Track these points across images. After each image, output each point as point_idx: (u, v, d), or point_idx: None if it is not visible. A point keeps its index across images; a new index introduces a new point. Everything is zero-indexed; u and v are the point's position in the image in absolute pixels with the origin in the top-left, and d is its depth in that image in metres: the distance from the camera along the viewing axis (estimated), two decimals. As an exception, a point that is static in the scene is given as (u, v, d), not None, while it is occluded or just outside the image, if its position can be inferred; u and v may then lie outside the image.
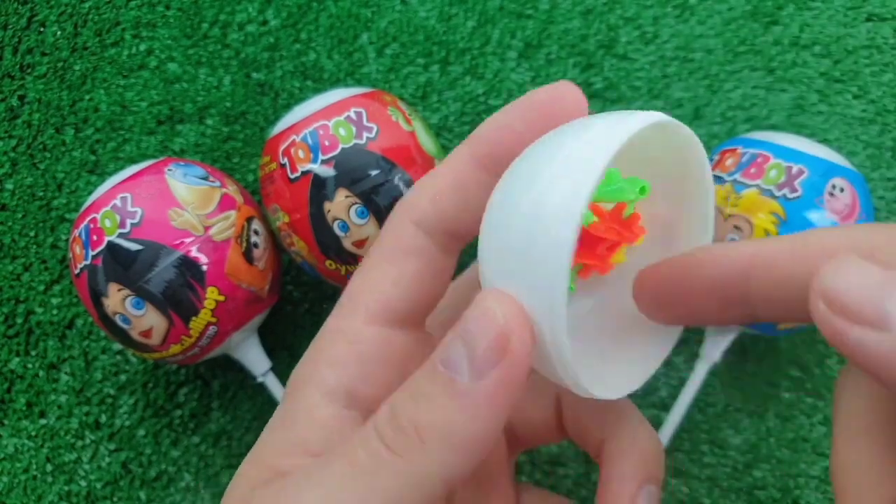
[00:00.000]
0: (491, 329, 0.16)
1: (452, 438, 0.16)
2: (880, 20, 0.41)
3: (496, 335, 0.15)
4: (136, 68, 0.43)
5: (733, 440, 0.36)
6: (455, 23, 0.42)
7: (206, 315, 0.32)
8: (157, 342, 0.32)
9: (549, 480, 0.37)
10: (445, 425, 0.16)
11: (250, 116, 0.41)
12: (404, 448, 0.16)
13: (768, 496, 0.36)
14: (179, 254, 0.31)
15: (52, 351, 0.39)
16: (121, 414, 0.38)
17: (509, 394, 0.16)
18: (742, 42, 0.41)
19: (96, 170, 0.41)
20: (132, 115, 0.42)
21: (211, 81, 0.42)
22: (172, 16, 0.43)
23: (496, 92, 0.41)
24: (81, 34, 0.43)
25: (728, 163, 0.33)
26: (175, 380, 0.39)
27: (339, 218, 0.31)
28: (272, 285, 0.34)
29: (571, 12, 0.42)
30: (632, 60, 0.41)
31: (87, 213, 0.32)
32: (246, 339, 0.34)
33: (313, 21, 0.43)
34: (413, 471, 0.16)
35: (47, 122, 0.42)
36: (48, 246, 0.41)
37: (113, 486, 0.37)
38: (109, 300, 0.31)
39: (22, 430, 0.38)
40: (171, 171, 0.33)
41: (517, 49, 0.42)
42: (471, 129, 0.41)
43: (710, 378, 0.37)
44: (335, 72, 0.42)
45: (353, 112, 0.32)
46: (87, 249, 0.31)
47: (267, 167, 0.33)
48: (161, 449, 0.38)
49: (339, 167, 0.31)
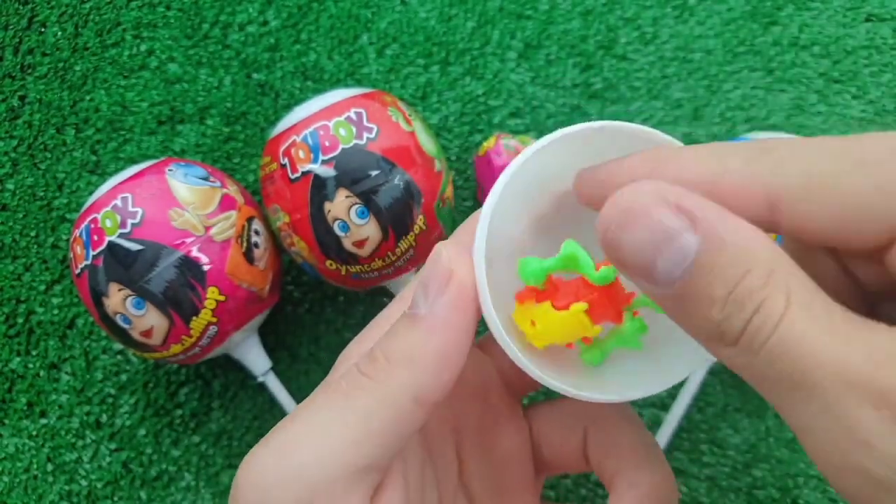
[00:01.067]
0: (438, 268, 0.19)
1: (414, 357, 0.18)
2: (879, 21, 0.41)
3: (442, 271, 0.19)
4: (137, 69, 0.43)
5: (732, 440, 0.37)
6: (455, 23, 0.42)
7: (206, 315, 0.32)
8: (158, 342, 0.32)
9: (548, 481, 0.37)
10: (408, 347, 0.19)
11: (251, 117, 0.41)
12: (376, 372, 0.19)
13: (767, 496, 0.36)
14: (180, 254, 0.31)
15: (53, 351, 0.39)
16: (121, 413, 0.38)
17: (459, 315, 0.19)
18: (741, 42, 0.41)
19: (97, 170, 0.41)
20: (133, 115, 0.42)
21: (211, 82, 0.42)
22: (173, 16, 0.43)
23: (496, 92, 0.41)
24: (82, 34, 0.43)
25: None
26: (176, 379, 0.39)
27: (340, 218, 0.32)
28: (272, 285, 0.34)
29: (571, 13, 0.42)
30: (631, 61, 0.41)
31: (87, 213, 0.32)
32: (246, 339, 0.35)
33: (314, 22, 0.43)
34: (383, 389, 0.18)
35: (48, 123, 0.42)
36: (49, 246, 0.41)
37: (113, 486, 0.38)
38: (110, 300, 0.31)
39: (23, 430, 0.39)
40: (171, 172, 0.33)
41: (517, 49, 0.42)
42: (470, 130, 0.42)
43: (710, 378, 0.37)
44: (335, 72, 0.42)
45: (353, 112, 0.32)
46: (87, 249, 0.31)
47: (267, 167, 0.33)
48: (162, 448, 0.38)
49: (339, 167, 0.31)
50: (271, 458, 0.18)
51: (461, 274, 0.19)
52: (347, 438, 0.18)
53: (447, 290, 0.19)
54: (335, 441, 0.18)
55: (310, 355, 0.38)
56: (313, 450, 0.18)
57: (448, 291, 0.19)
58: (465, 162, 0.41)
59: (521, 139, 0.38)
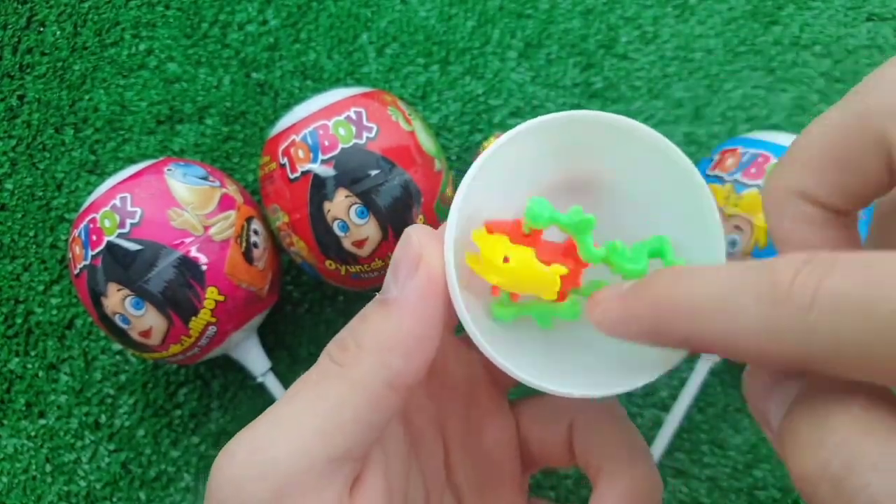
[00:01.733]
0: (408, 251, 0.19)
1: (385, 342, 0.18)
2: (881, 20, 0.41)
3: (412, 255, 0.18)
4: (136, 68, 0.42)
5: (733, 440, 0.36)
6: (455, 22, 0.42)
7: (205, 315, 0.31)
8: (157, 342, 0.32)
9: (549, 481, 0.37)
10: (378, 332, 0.18)
11: (250, 116, 0.41)
12: (346, 359, 0.18)
13: (768, 496, 0.36)
14: (179, 254, 0.31)
15: (52, 351, 0.39)
16: (120, 414, 0.38)
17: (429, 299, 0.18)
18: (742, 42, 0.41)
19: (96, 170, 0.41)
20: (132, 114, 0.42)
21: (211, 81, 0.42)
22: (172, 15, 0.43)
23: (496, 92, 0.41)
24: (81, 34, 0.43)
25: (728, 163, 0.33)
26: (175, 380, 0.38)
27: (339, 218, 0.31)
28: (272, 285, 0.34)
29: (571, 12, 0.42)
30: (632, 60, 0.41)
31: (86, 213, 0.32)
32: (245, 339, 0.34)
33: (313, 21, 0.43)
34: (355, 375, 0.18)
35: (47, 122, 0.42)
36: (48, 246, 0.41)
37: (112, 487, 0.37)
38: (109, 300, 0.31)
39: (21, 431, 0.38)
40: (170, 171, 0.33)
41: (517, 49, 0.42)
42: (470, 130, 0.42)
43: (710, 378, 0.37)
44: (335, 71, 0.42)
45: (352, 112, 0.32)
46: (86, 249, 0.31)
47: (267, 167, 0.33)
48: (161, 449, 0.38)
49: (338, 167, 0.31)
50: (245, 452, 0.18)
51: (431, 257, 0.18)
52: (318, 429, 0.18)
53: (417, 274, 0.18)
54: (306, 432, 0.18)
55: (309, 355, 0.38)
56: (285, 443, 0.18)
57: (418, 275, 0.18)
58: (465, 162, 0.41)
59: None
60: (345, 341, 0.19)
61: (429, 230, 0.19)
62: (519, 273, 0.18)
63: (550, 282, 0.18)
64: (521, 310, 0.20)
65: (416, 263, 0.18)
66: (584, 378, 0.19)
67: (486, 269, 0.19)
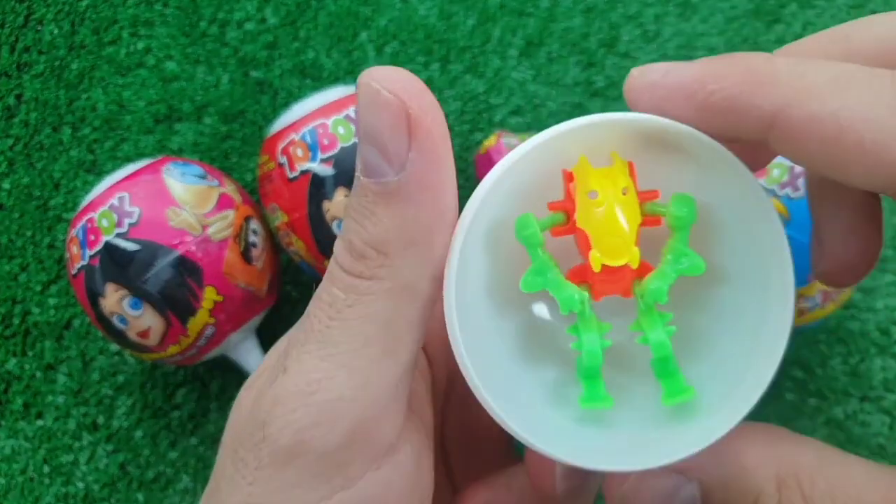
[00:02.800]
0: (384, 112, 0.14)
1: (410, 237, 0.15)
2: (883, 18, 0.41)
3: (394, 116, 0.14)
4: (134, 67, 0.42)
5: None
6: (455, 21, 0.42)
7: (203, 315, 0.31)
8: (155, 343, 0.32)
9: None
10: (397, 229, 0.15)
11: (249, 115, 0.41)
12: (373, 269, 0.15)
13: (771, 498, 0.36)
14: (177, 253, 0.31)
15: (50, 352, 0.39)
16: (118, 415, 0.38)
17: (440, 166, 0.15)
18: (744, 40, 0.41)
19: (94, 169, 0.41)
20: (130, 113, 0.42)
21: (209, 80, 0.42)
22: (170, 14, 0.43)
23: (497, 90, 0.41)
24: (79, 32, 0.43)
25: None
26: (173, 381, 0.38)
27: (339, 217, 0.31)
28: (270, 285, 0.34)
29: (573, 10, 0.42)
30: (633, 59, 0.41)
31: (84, 212, 0.32)
32: (244, 340, 0.34)
33: (312, 19, 0.42)
34: (394, 284, 0.15)
35: (44, 121, 0.42)
36: (45, 246, 0.40)
37: (110, 488, 0.37)
38: (106, 300, 0.31)
39: (19, 432, 0.38)
40: (168, 171, 0.32)
41: (518, 47, 0.41)
42: (471, 129, 0.41)
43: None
44: (334, 70, 0.42)
45: (352, 110, 0.32)
46: (84, 249, 0.31)
47: (265, 166, 0.33)
48: (159, 450, 0.38)
49: (338, 166, 0.31)
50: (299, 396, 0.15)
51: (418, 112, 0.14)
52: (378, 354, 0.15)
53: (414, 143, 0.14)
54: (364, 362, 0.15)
55: (309, 356, 0.38)
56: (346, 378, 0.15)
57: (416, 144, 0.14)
58: (465, 161, 0.40)
59: (523, 137, 0.38)
60: (361, 250, 0.15)
61: (391, 69, 0.15)
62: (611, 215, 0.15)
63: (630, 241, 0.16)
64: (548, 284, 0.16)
65: (406, 125, 0.14)
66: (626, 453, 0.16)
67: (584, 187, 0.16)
